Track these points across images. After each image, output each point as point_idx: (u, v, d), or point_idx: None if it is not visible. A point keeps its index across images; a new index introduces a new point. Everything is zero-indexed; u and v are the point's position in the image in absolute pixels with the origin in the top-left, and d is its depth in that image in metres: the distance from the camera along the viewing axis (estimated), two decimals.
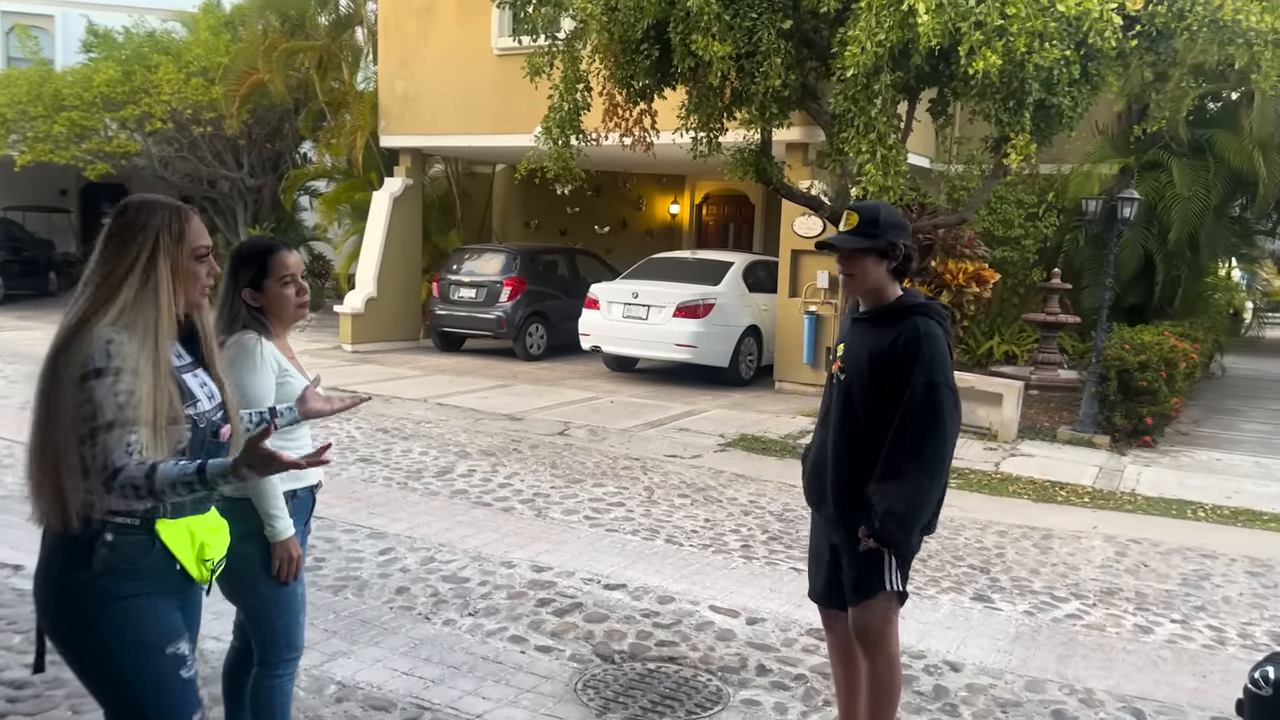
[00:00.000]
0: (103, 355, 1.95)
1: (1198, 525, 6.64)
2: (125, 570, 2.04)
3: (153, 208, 2.10)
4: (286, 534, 2.63)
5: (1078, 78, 7.35)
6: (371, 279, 14.18)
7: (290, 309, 2.74)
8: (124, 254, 2.05)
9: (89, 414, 1.94)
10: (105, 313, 2.00)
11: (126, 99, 16.10)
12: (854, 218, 2.87)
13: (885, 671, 2.96)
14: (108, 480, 1.94)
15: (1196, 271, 13.29)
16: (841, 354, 2.94)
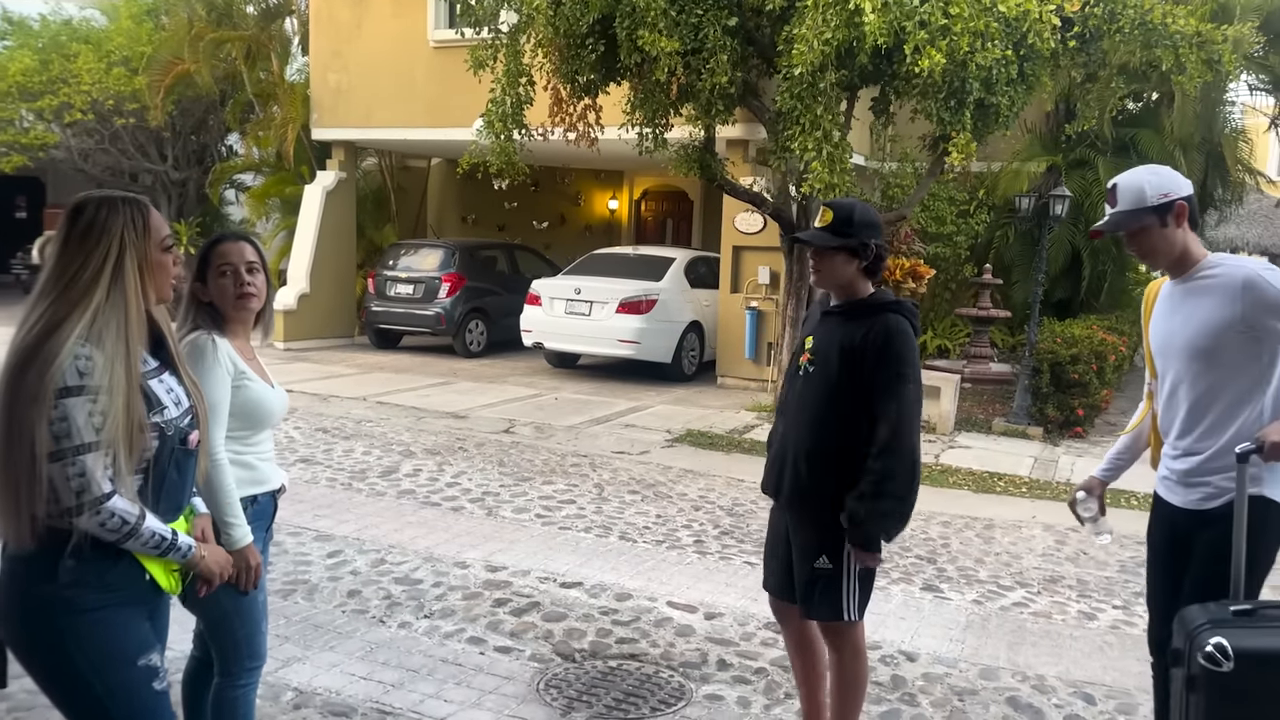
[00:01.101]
0: (74, 373, 1.87)
1: (1131, 513, 6.83)
2: (93, 582, 1.96)
3: (113, 204, 2.01)
4: (244, 541, 2.52)
5: (1015, 77, 7.52)
6: (304, 274, 13.87)
7: (229, 300, 2.61)
8: (89, 256, 1.96)
9: (63, 432, 1.86)
10: (74, 320, 1.90)
11: (44, 89, 15.48)
12: (829, 214, 2.88)
13: (851, 662, 2.99)
14: (92, 503, 1.88)
15: (1121, 267, 13.73)
16: (810, 346, 2.96)
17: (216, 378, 2.51)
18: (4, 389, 1.90)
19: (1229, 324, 2.55)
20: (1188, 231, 2.64)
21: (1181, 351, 2.67)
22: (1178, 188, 2.63)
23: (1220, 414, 2.62)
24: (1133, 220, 2.64)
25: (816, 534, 2.89)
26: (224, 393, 2.52)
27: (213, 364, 2.51)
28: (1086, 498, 2.90)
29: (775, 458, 3.03)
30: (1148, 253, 2.69)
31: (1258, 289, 2.52)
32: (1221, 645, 2.10)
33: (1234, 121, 14.12)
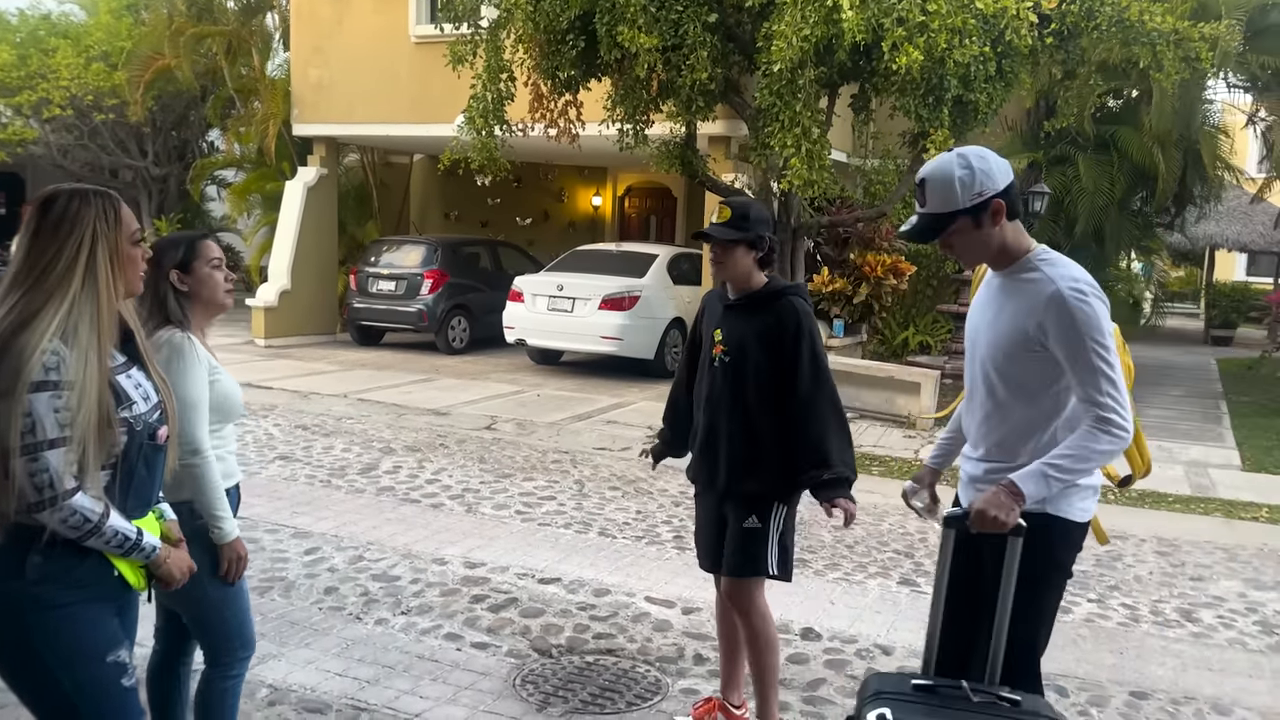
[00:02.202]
0: (41, 369, 1.86)
1: (1108, 508, 6.89)
2: (61, 579, 1.96)
3: (84, 196, 2.01)
4: (234, 534, 2.58)
5: (993, 74, 7.56)
6: (285, 271, 13.80)
7: (220, 293, 2.67)
8: (62, 246, 1.95)
9: (28, 427, 1.85)
10: (49, 312, 1.89)
11: (22, 84, 15.34)
12: (727, 211, 3.09)
13: (761, 624, 3.21)
14: (52, 500, 1.87)
15: (1101, 263, 13.81)
16: (721, 338, 3.14)
17: (197, 375, 2.53)
18: None
19: (1027, 340, 2.35)
20: (1005, 227, 2.38)
21: (984, 355, 2.50)
22: (993, 182, 2.34)
23: (1010, 433, 2.47)
24: (942, 224, 2.38)
25: (749, 503, 3.12)
26: (205, 389, 2.54)
27: (193, 361, 2.53)
28: (917, 489, 2.81)
29: (704, 449, 3.20)
30: (960, 254, 2.47)
31: (1061, 308, 2.28)
32: (883, 717, 2.13)
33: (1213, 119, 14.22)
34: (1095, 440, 2.27)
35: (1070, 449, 2.29)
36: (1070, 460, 2.28)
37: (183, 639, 2.82)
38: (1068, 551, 2.47)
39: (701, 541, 3.38)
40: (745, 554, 3.13)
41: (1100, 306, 2.30)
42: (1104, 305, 2.32)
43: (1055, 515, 2.40)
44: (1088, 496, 2.46)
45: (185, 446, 2.47)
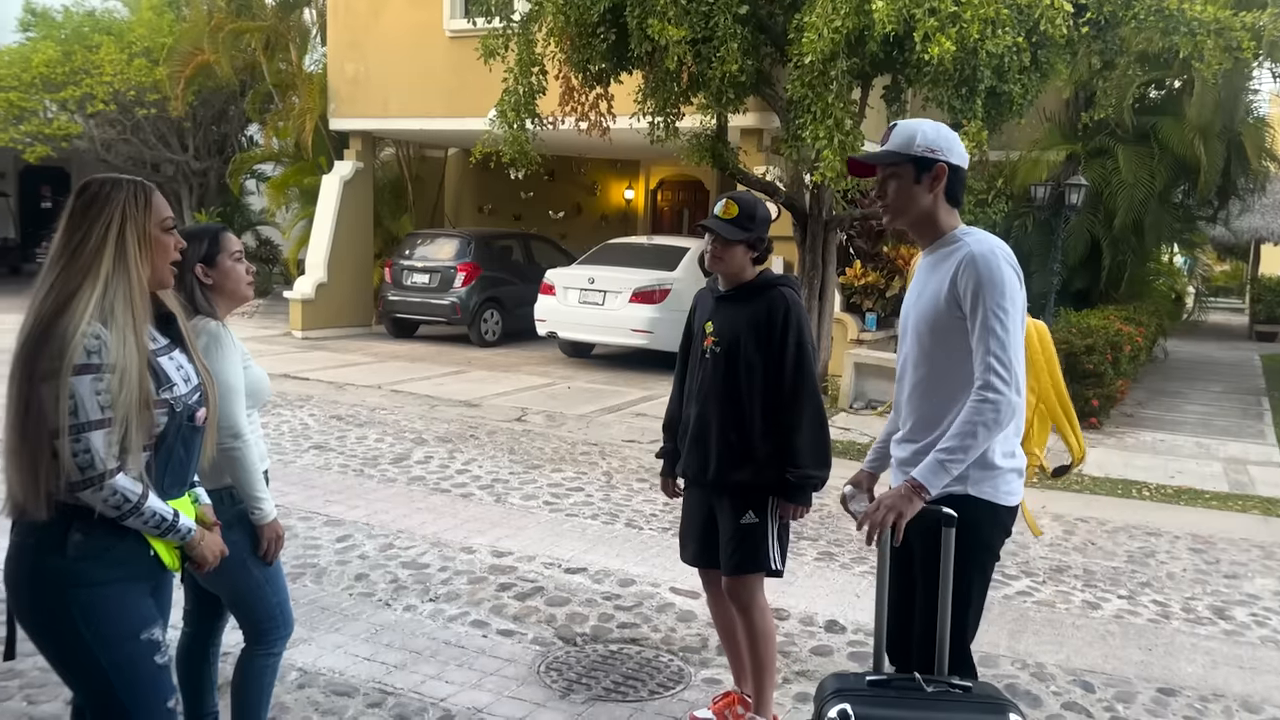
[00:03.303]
0: (83, 352, 1.92)
1: (1142, 504, 6.82)
2: (100, 556, 2.02)
3: (116, 182, 2.08)
4: (272, 515, 2.67)
5: (1028, 65, 7.46)
6: (322, 264, 13.98)
7: (243, 285, 2.75)
8: (90, 229, 2.01)
9: (71, 409, 1.91)
10: (85, 292, 1.96)
11: (67, 80, 15.66)
12: (734, 208, 3.10)
13: (760, 619, 3.23)
14: (94, 479, 1.93)
15: (1141, 257, 13.61)
16: (713, 330, 3.16)
17: (235, 362, 2.61)
18: (20, 367, 1.96)
19: (947, 305, 2.40)
20: (940, 200, 2.47)
21: (911, 330, 2.55)
22: (948, 152, 2.45)
23: (934, 405, 2.48)
24: (889, 160, 2.47)
25: (742, 496, 3.12)
26: (242, 375, 2.62)
27: (231, 349, 2.60)
28: (855, 492, 2.77)
29: (695, 440, 3.20)
30: (891, 203, 2.50)
31: (970, 266, 2.35)
32: (844, 712, 2.17)
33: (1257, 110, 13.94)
34: (976, 413, 2.32)
35: (956, 429, 2.34)
36: (957, 439, 2.32)
37: (212, 621, 2.89)
38: (993, 534, 2.49)
39: (688, 536, 3.37)
40: (745, 551, 3.13)
41: (1010, 274, 2.36)
42: (1016, 276, 2.38)
43: (979, 498, 2.41)
44: (1012, 479, 2.47)
45: (226, 431, 2.54)
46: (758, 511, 3.12)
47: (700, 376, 3.19)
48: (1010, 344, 2.32)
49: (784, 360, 3.05)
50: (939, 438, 2.41)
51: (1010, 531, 2.54)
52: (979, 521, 2.40)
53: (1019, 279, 2.39)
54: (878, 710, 2.19)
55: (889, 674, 2.39)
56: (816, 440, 3.06)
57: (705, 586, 3.45)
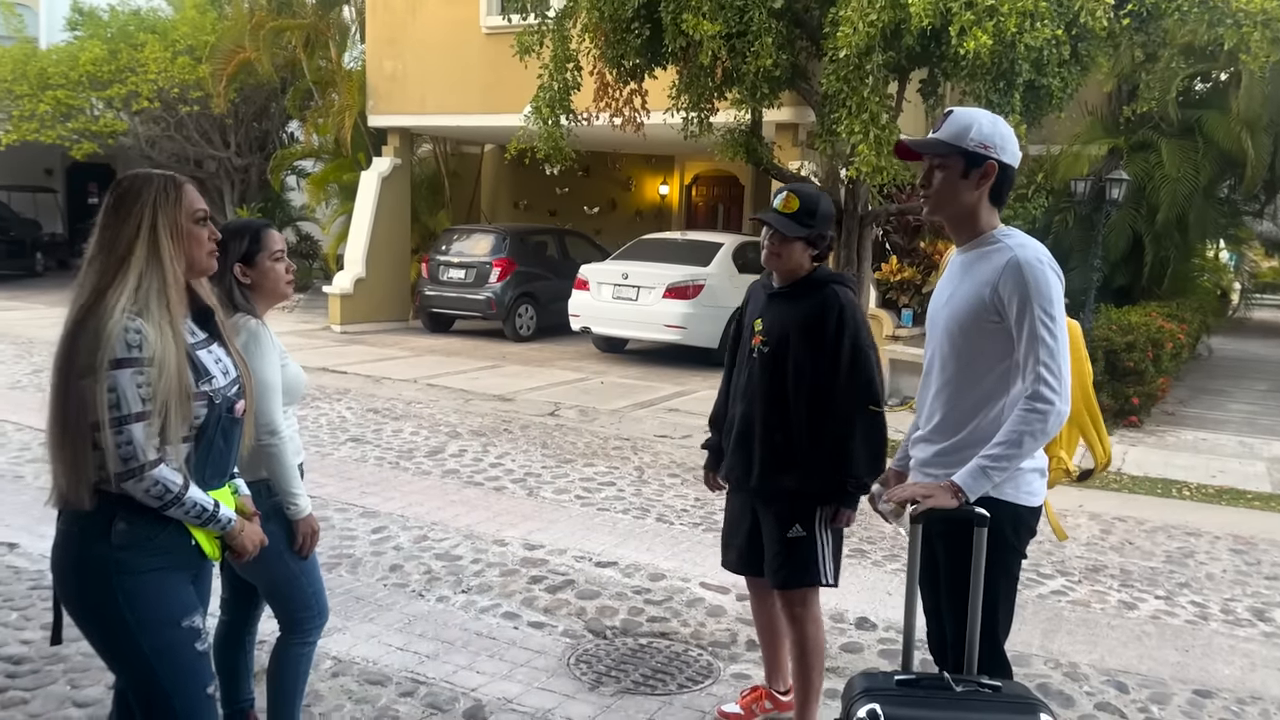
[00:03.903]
0: (123, 345, 1.97)
1: (1182, 504, 6.72)
2: (143, 545, 2.07)
3: (146, 177, 2.14)
4: (308, 510, 2.72)
5: (1067, 58, 7.35)
6: (360, 259, 14.13)
7: (282, 284, 2.79)
8: (124, 225, 2.07)
9: (113, 403, 1.96)
10: (118, 290, 2.01)
11: (112, 78, 15.95)
12: (795, 202, 2.96)
13: (812, 631, 3.15)
14: (136, 470, 1.98)
15: (1185, 252, 13.37)
16: (761, 328, 3.05)
17: (273, 359, 2.65)
18: (60, 361, 2.03)
19: (984, 308, 2.35)
20: (985, 198, 2.41)
21: (940, 330, 2.49)
22: (1001, 150, 2.38)
23: (960, 407, 2.44)
24: (939, 150, 2.40)
25: (789, 506, 3.02)
26: (279, 373, 2.66)
27: (269, 347, 2.65)
28: (884, 492, 2.68)
29: (739, 441, 3.09)
30: (935, 194, 2.44)
31: (1015, 272, 2.30)
32: (874, 712, 2.16)
33: None
34: (1024, 422, 2.28)
35: (1003, 436, 2.30)
36: (1004, 447, 2.29)
37: (248, 610, 2.95)
38: (1017, 535, 2.46)
39: (731, 541, 3.26)
40: (794, 565, 3.03)
41: (1054, 279, 2.32)
42: (1059, 280, 2.34)
43: (1001, 500, 2.39)
44: (1034, 480, 2.45)
45: (263, 427, 2.59)
46: (805, 524, 3.00)
47: (747, 375, 3.09)
48: (1059, 352, 2.29)
49: (837, 362, 2.92)
50: (963, 440, 2.39)
51: (1035, 531, 2.52)
52: (1001, 523, 2.38)
53: (1062, 285, 2.36)
54: (906, 710, 2.18)
55: (918, 673, 2.38)
56: (871, 447, 2.94)
57: (750, 587, 3.38)
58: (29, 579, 4.34)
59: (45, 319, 13.59)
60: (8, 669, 3.51)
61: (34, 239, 19.91)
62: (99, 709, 3.25)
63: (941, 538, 2.38)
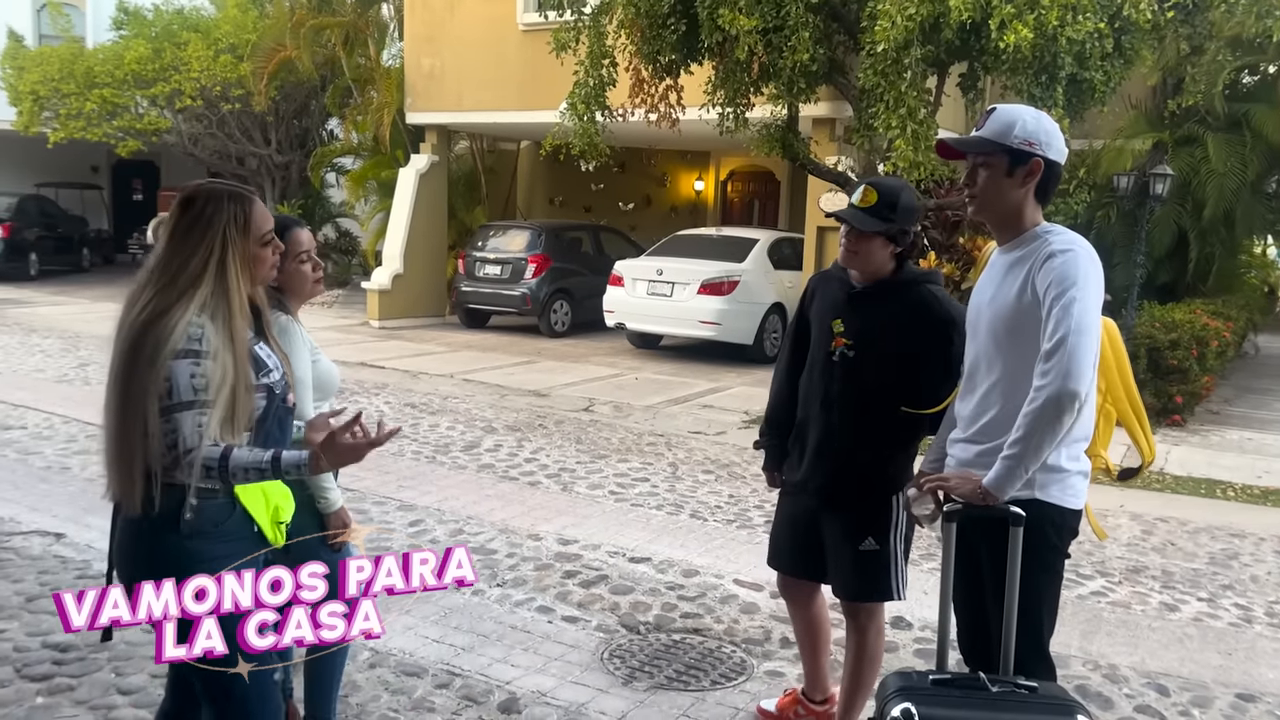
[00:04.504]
0: (185, 338, 2.00)
1: (1227, 504, 6.59)
2: (210, 533, 2.10)
3: (218, 199, 2.12)
4: (339, 504, 2.75)
5: (1110, 51, 7.25)
6: (398, 256, 14.26)
7: (308, 285, 2.80)
8: (194, 250, 2.08)
9: (165, 391, 2.00)
10: (185, 306, 2.03)
11: (157, 76, 16.25)
12: (873, 195, 2.78)
13: (875, 640, 3.07)
14: (183, 457, 2.01)
15: (1231, 249, 13.11)
16: (843, 330, 2.87)
17: (304, 354, 2.69)
18: (120, 362, 2.05)
19: (1025, 306, 2.30)
20: (1030, 195, 2.36)
21: (984, 331, 2.43)
22: (1046, 147, 2.33)
23: (1001, 412, 2.37)
24: (982, 148, 2.36)
25: (860, 517, 2.90)
26: (308, 367, 2.70)
27: (300, 342, 2.68)
28: (919, 495, 2.56)
29: (818, 453, 2.92)
30: (980, 193, 2.39)
31: (1049, 260, 2.26)
32: (908, 711, 2.13)
33: None
34: (1027, 404, 2.24)
35: (1016, 428, 2.26)
36: (1020, 437, 2.24)
37: None
38: (1060, 537, 2.41)
39: (785, 545, 3.13)
40: (867, 578, 2.93)
41: (1087, 265, 2.26)
42: (1093, 266, 2.27)
43: (1045, 501, 2.35)
44: (1077, 482, 2.40)
45: None
46: (879, 537, 2.88)
47: (825, 380, 2.90)
48: (1070, 331, 2.20)
49: (935, 371, 2.77)
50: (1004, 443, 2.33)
51: (1076, 533, 2.48)
52: (1043, 523, 2.34)
53: (1098, 272, 2.30)
54: (942, 710, 2.17)
55: (953, 673, 2.36)
56: None
57: (788, 593, 3.24)
58: (75, 568, 4.44)
59: (92, 314, 13.88)
60: (55, 656, 3.59)
61: (81, 235, 20.33)
62: (143, 696, 3.32)
63: (984, 539, 2.36)
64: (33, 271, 17.97)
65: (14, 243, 17.53)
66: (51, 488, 5.73)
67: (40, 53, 17.87)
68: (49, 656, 3.59)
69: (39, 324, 12.65)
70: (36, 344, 11.06)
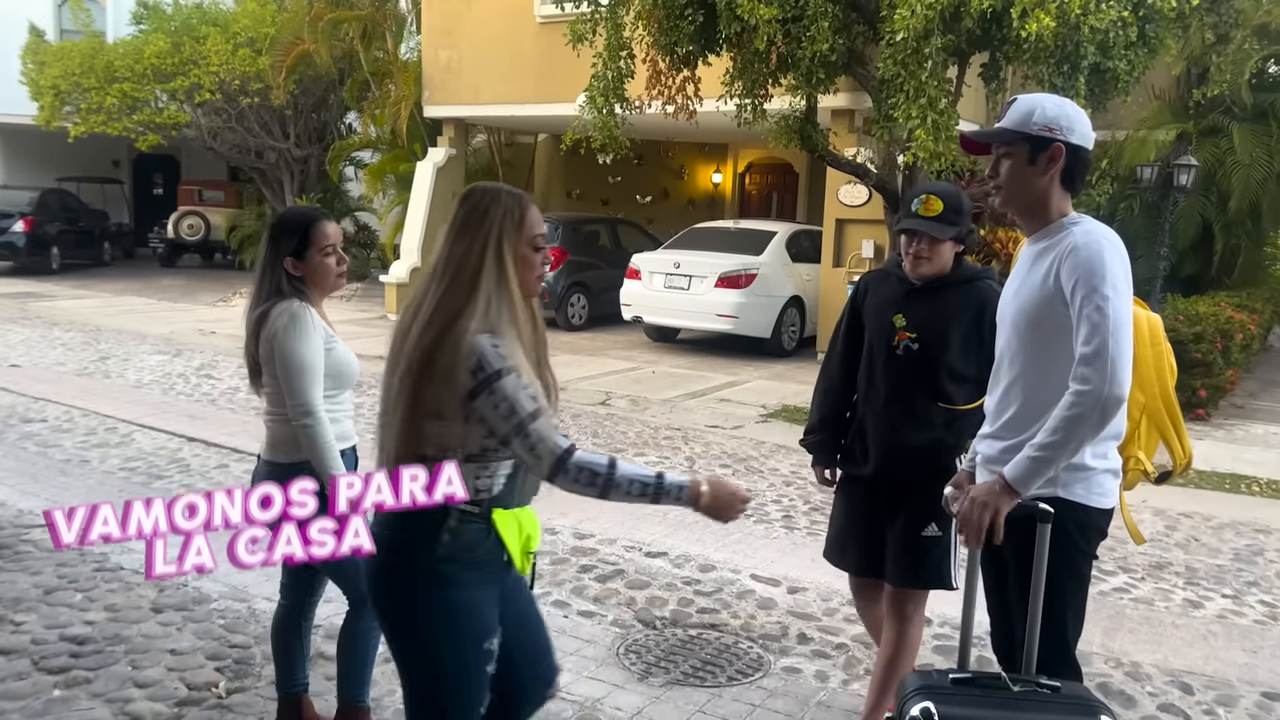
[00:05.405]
0: (496, 356, 1.95)
1: (1252, 500, 6.50)
2: (464, 558, 2.04)
3: (495, 195, 2.09)
4: None
5: (1134, 40, 7.14)
6: (416, 249, 14.28)
7: (331, 278, 2.80)
8: (472, 244, 2.03)
9: (508, 411, 1.95)
10: (471, 313, 1.98)
11: (176, 70, 16.31)
12: (938, 204, 2.90)
13: (916, 632, 3.09)
14: (559, 460, 1.97)
15: (1257, 240, 12.94)
16: (906, 324, 2.95)
17: (314, 341, 2.68)
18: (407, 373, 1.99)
19: (1051, 298, 2.26)
20: (1056, 183, 2.31)
21: (1010, 324, 2.40)
22: (1068, 131, 2.27)
23: (1026, 406, 2.34)
24: (1003, 138, 2.32)
25: (924, 503, 2.91)
26: (320, 356, 2.69)
27: (310, 329, 2.68)
28: (957, 494, 2.55)
29: (882, 442, 2.99)
30: (1004, 185, 2.35)
31: (1076, 256, 2.20)
32: (927, 710, 2.10)
33: None
34: (1066, 407, 2.17)
35: (1049, 423, 2.19)
36: (1049, 434, 2.18)
37: (307, 596, 2.99)
38: (1085, 537, 2.36)
39: (851, 543, 3.16)
40: (928, 565, 2.96)
41: (1112, 258, 2.20)
42: (1120, 260, 2.22)
43: (1069, 500, 2.30)
44: (1105, 481, 2.35)
45: (299, 408, 2.63)
46: (942, 523, 2.92)
47: (888, 374, 2.98)
48: (1109, 330, 2.16)
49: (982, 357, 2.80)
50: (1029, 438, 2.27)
51: (1105, 534, 2.42)
52: (1066, 522, 2.29)
53: (1125, 266, 2.24)
54: (962, 709, 2.13)
55: (974, 671, 2.32)
56: None
57: (861, 593, 3.26)
58: (94, 560, 4.46)
59: (113, 307, 13.98)
60: (72, 649, 3.61)
61: (102, 229, 20.47)
62: (159, 689, 3.33)
63: (1008, 536, 2.31)
64: (54, 265, 18.11)
65: (36, 236, 17.67)
66: (70, 480, 5.76)
67: (61, 47, 17.97)
68: (66, 649, 3.60)
69: (60, 317, 12.75)
70: (57, 337, 11.14)
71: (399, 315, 2.09)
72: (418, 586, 2.03)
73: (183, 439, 6.82)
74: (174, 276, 18.79)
